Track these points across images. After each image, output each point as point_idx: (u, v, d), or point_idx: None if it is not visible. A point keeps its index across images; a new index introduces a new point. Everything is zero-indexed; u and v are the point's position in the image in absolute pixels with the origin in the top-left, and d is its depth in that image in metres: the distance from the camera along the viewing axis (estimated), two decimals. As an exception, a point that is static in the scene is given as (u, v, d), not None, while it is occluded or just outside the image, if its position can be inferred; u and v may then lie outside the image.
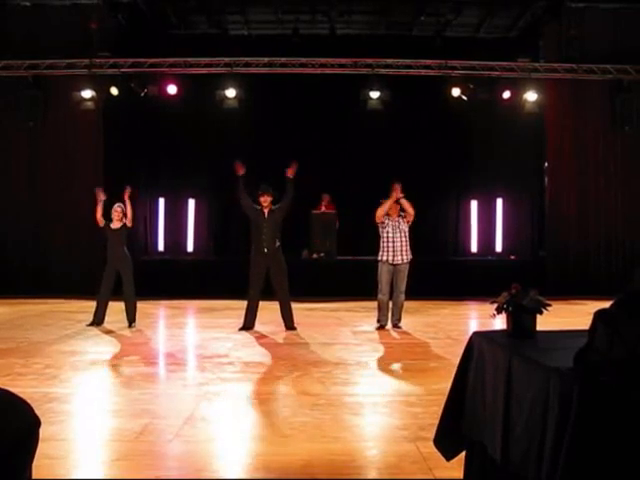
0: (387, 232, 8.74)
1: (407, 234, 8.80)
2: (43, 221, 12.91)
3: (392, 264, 8.70)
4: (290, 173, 8.63)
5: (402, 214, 8.82)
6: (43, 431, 1.74)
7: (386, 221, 8.78)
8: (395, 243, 8.72)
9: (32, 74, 12.56)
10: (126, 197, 8.96)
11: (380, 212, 8.71)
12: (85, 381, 5.88)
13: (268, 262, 8.52)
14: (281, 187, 8.75)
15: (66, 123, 13.01)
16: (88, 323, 8.86)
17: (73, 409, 4.92)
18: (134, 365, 6.45)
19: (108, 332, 8.53)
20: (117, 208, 9.01)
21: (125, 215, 8.98)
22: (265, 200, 8.59)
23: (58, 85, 12.77)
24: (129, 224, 8.99)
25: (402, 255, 8.72)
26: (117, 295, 9.02)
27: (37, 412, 1.72)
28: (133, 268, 8.99)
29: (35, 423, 1.69)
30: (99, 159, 13.06)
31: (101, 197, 8.99)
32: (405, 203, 8.70)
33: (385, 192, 8.83)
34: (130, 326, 8.87)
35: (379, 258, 8.77)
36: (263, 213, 8.60)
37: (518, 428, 2.51)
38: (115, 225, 8.97)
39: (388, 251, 8.71)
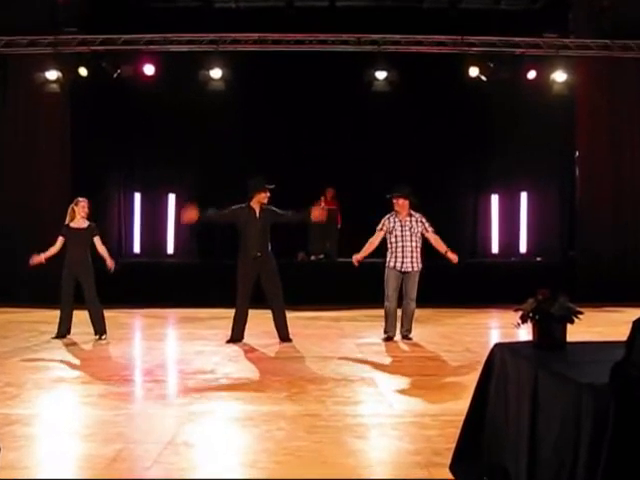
0: (394, 236, 8.68)
1: (419, 238, 8.72)
2: (2, 220, 12.89)
3: (400, 271, 8.68)
4: (315, 216, 8.71)
5: (416, 215, 8.75)
6: (2, 458, 1.73)
7: (391, 224, 8.72)
8: (405, 248, 8.63)
9: (-10, 52, 12.58)
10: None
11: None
12: (50, 401, 5.86)
13: (258, 267, 8.51)
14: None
15: (28, 108, 13.03)
16: (53, 336, 8.86)
17: (36, 433, 4.90)
18: (106, 382, 6.43)
19: (76, 345, 8.53)
20: (82, 203, 8.94)
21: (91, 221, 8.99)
22: (267, 197, 8.57)
23: (19, 65, 12.79)
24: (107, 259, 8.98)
25: (412, 262, 8.65)
26: (83, 303, 9.02)
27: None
28: (94, 273, 8.94)
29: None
30: (66, 149, 13.08)
31: (40, 260, 8.85)
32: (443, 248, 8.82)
33: (391, 186, 8.85)
34: (100, 338, 8.87)
35: (386, 264, 8.75)
36: (253, 211, 8.56)
37: (546, 450, 2.50)
38: (79, 224, 8.90)
39: (396, 257, 8.66)
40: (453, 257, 8.77)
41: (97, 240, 8.94)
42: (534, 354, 3.00)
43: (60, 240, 8.89)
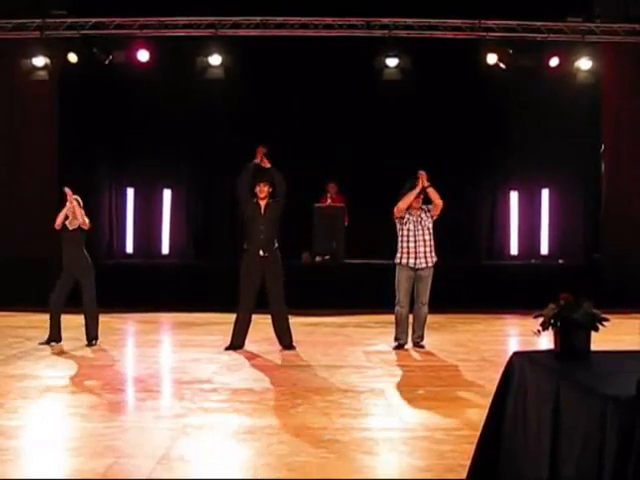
0: (407, 229, 8.73)
1: (431, 232, 8.80)
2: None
3: (413, 268, 8.69)
4: (262, 161, 8.65)
5: (425, 207, 8.80)
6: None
7: (406, 216, 8.76)
8: (417, 243, 8.69)
9: (-28, 38, 12.59)
10: (70, 200, 8.85)
11: (402, 205, 8.68)
12: (36, 411, 5.88)
13: (263, 267, 8.54)
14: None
15: (13, 97, 13.03)
16: (42, 341, 8.88)
17: (22, 446, 4.92)
18: (96, 392, 6.46)
19: (64, 352, 8.54)
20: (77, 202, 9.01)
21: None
22: (262, 191, 8.62)
23: (4, 51, 12.78)
24: (85, 227, 8.94)
25: (425, 257, 8.70)
26: (74, 307, 9.03)
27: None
28: (95, 274, 9.01)
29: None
30: (53, 140, 13.07)
31: (71, 199, 8.82)
32: (433, 193, 8.70)
33: (402, 182, 8.84)
34: (90, 344, 8.90)
35: (397, 261, 8.77)
36: (259, 207, 8.65)
37: (568, 467, 2.51)
38: (72, 224, 8.97)
39: (408, 253, 8.70)
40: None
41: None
42: (555, 364, 3.00)
43: (62, 225, 8.87)
